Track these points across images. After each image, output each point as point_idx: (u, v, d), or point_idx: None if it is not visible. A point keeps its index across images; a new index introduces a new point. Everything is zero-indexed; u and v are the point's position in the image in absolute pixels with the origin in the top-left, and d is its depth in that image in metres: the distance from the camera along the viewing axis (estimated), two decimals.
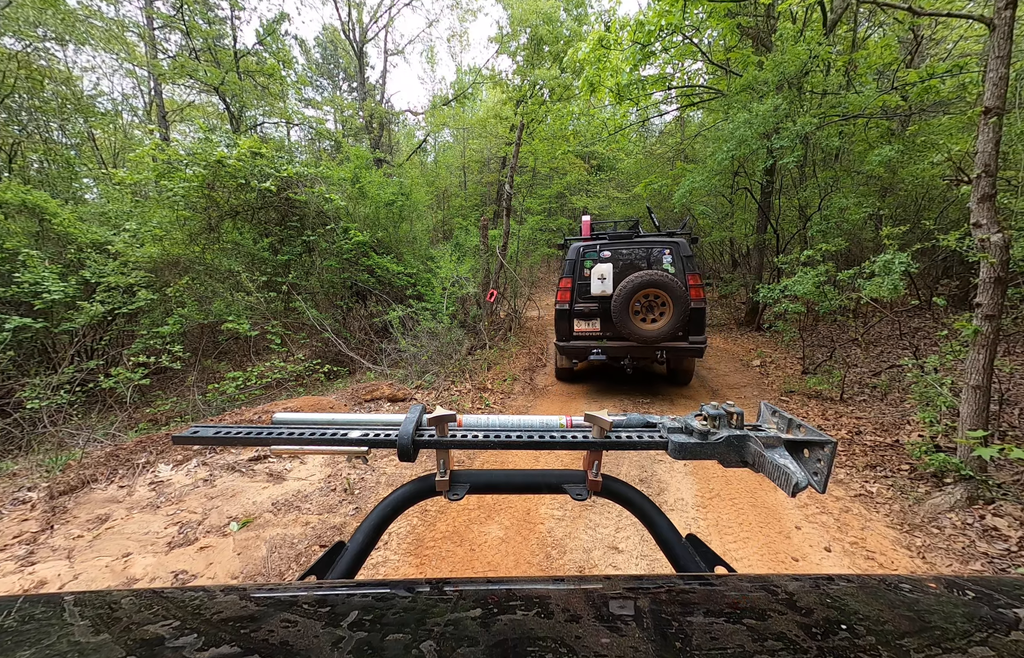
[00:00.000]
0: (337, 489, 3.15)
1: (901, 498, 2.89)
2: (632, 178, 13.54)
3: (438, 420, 0.57)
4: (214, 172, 6.11)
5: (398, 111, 19.66)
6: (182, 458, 3.67)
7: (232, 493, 3.19)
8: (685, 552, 0.59)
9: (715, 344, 8.56)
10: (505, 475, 0.66)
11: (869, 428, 4.07)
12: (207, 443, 0.58)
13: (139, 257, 6.03)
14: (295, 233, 6.83)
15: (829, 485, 3.06)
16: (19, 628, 0.33)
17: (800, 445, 0.55)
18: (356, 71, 18.60)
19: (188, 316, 5.56)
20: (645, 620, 0.34)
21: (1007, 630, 0.34)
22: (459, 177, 20.80)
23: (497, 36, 18.46)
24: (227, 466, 3.53)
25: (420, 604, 0.36)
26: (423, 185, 13.14)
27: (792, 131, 5.57)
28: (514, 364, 6.89)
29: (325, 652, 0.29)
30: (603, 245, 4.96)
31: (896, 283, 3.69)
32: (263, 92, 17.50)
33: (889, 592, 0.40)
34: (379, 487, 3.17)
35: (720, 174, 7.64)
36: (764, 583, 0.41)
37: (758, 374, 6.46)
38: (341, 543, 0.59)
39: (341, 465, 3.49)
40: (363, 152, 8.71)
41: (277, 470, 3.49)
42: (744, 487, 3.05)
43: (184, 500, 3.14)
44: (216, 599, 0.39)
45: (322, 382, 6.02)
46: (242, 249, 6.69)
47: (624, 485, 0.64)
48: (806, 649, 0.30)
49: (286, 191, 6.55)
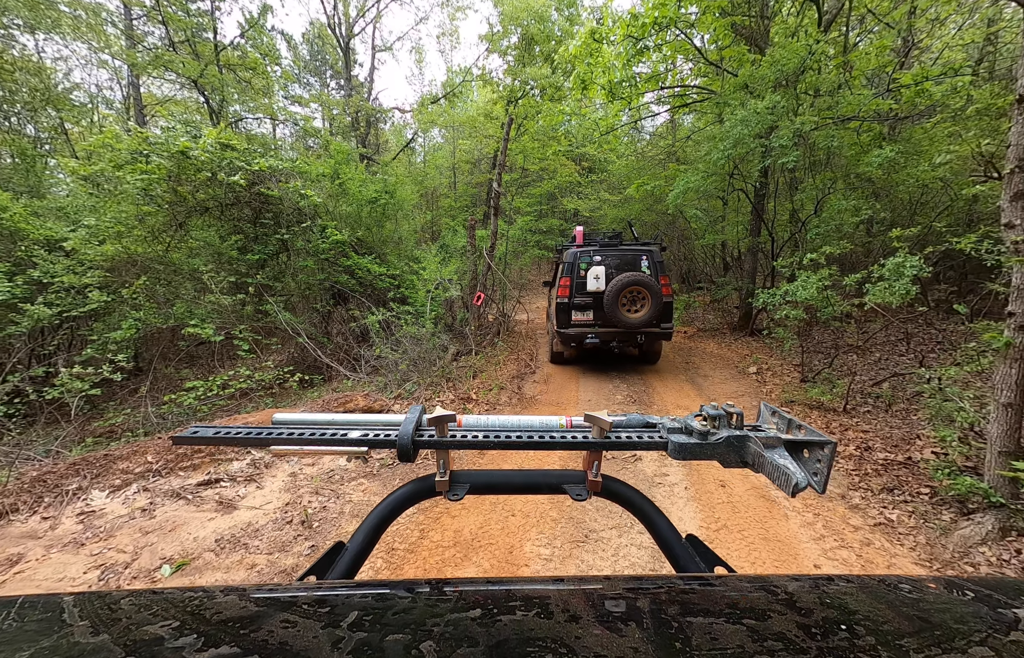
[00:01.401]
0: (294, 520, 2.76)
1: (925, 527, 2.61)
2: (624, 180, 13.31)
3: (438, 420, 0.57)
4: (178, 164, 5.65)
5: (386, 109, 19.21)
6: (120, 483, 3.23)
7: (172, 526, 2.78)
8: (685, 552, 0.58)
9: (709, 350, 8.33)
10: (505, 475, 0.65)
11: (878, 443, 3.81)
12: (207, 443, 0.58)
13: (95, 255, 5.54)
14: (268, 231, 6.38)
15: (848, 513, 2.77)
16: (19, 628, 0.33)
17: (800, 445, 0.55)
18: (343, 67, 18.11)
19: (145, 320, 5.09)
20: (645, 620, 0.34)
21: (1007, 630, 0.34)
22: (449, 178, 20.42)
23: (488, 35, 18.16)
24: (171, 492, 3.11)
25: (420, 604, 0.36)
26: (410, 183, 12.73)
27: (790, 130, 5.34)
28: (501, 371, 6.53)
29: (325, 652, 0.29)
30: (595, 251, 6.00)
31: (908, 287, 3.45)
32: (246, 88, 16.92)
33: (889, 592, 0.40)
34: (342, 517, 2.79)
35: (716, 175, 7.41)
36: (764, 584, 0.41)
37: (755, 382, 6.21)
38: (341, 543, 0.59)
39: (302, 491, 3.10)
40: (344, 147, 8.28)
41: (229, 497, 3.08)
42: (753, 515, 2.75)
43: (115, 535, 2.71)
44: (216, 599, 0.39)
45: (294, 391, 5.59)
46: (212, 248, 6.23)
47: (624, 485, 0.64)
48: (806, 649, 0.30)
49: (258, 186, 6.11)
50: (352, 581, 0.55)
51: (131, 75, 15.16)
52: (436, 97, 17.94)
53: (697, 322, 10.81)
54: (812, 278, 4.35)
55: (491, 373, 6.36)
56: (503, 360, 7.04)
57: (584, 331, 5.90)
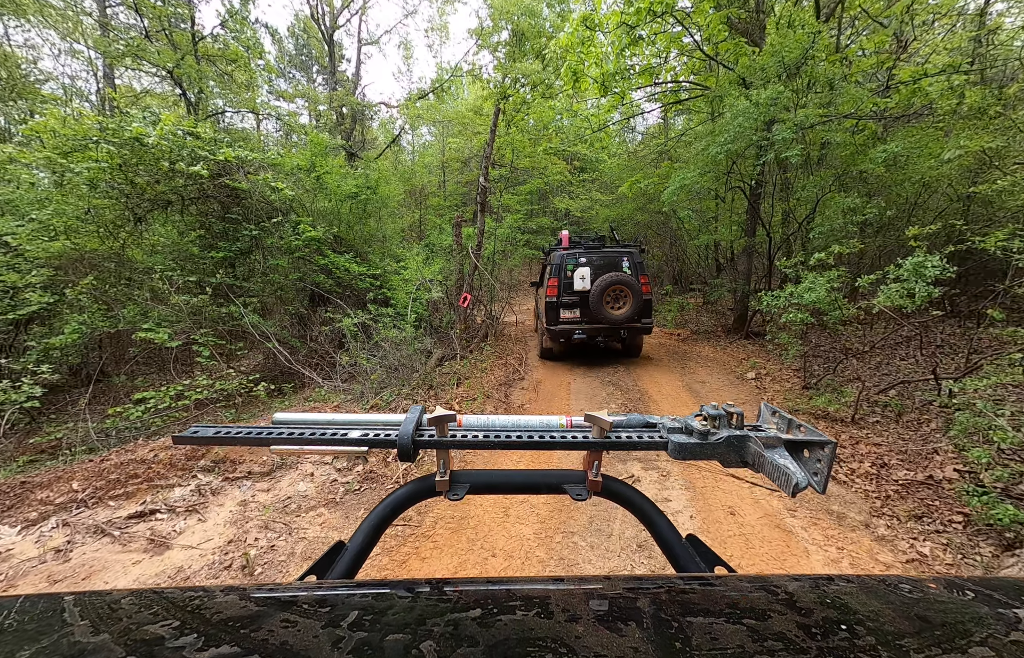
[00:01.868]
0: (234, 564, 2.33)
1: (964, 564, 2.29)
2: (616, 179, 13.03)
3: (438, 420, 0.57)
4: (133, 152, 5.15)
5: (372, 103, 18.67)
6: (37, 516, 2.76)
7: (88, 571, 2.33)
8: (685, 552, 0.58)
9: (704, 353, 8.04)
10: (505, 475, 0.65)
11: (894, 459, 3.51)
12: (206, 443, 0.58)
13: (40, 252, 5.01)
14: (236, 227, 5.90)
15: (875, 547, 2.44)
16: (19, 628, 0.33)
17: (800, 445, 0.55)
18: (327, 59, 17.55)
19: (91, 324, 4.58)
20: (645, 620, 0.34)
21: (1007, 630, 0.34)
22: (439, 176, 19.96)
23: (477, 29, 17.77)
24: (95, 528, 2.65)
25: (420, 604, 0.36)
26: (396, 180, 12.26)
27: (793, 122, 5.05)
28: (488, 378, 6.14)
29: (325, 652, 0.29)
30: (580, 253, 6.39)
31: (929, 290, 3.15)
32: (227, 81, 16.27)
33: (889, 592, 0.40)
34: (292, 560, 2.37)
35: (711, 172, 7.11)
36: (764, 584, 0.41)
37: (754, 388, 5.91)
38: (341, 543, 0.58)
39: (250, 525, 2.67)
40: (321, 138, 7.81)
41: (163, 532, 2.64)
42: (769, 550, 2.40)
43: (16, 584, 2.26)
44: (216, 599, 0.38)
45: (261, 401, 5.12)
46: (174, 245, 5.73)
47: (624, 485, 0.64)
48: (806, 649, 0.30)
49: (224, 178, 5.63)
50: (352, 581, 0.54)
51: (105, 66, 14.46)
52: (424, 92, 17.49)
53: (691, 324, 10.54)
54: (820, 279, 4.04)
55: (477, 380, 5.96)
56: (490, 365, 6.65)
57: (572, 328, 6.33)
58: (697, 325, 10.34)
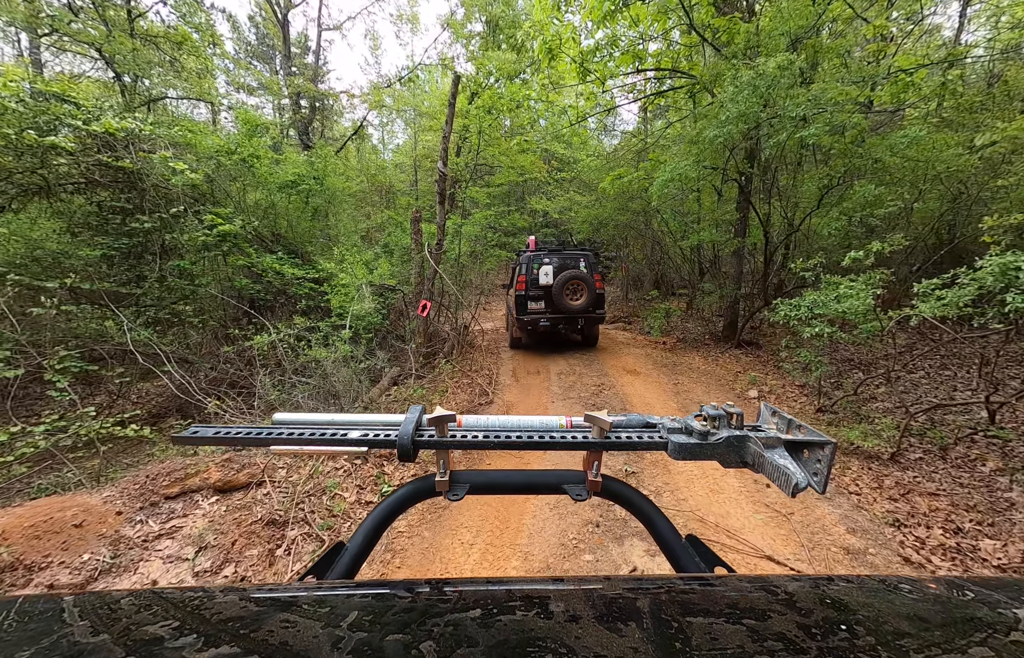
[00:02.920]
0: None
1: None
2: (595, 178, 12.24)
3: (438, 420, 0.57)
4: None
5: (335, 92, 17.30)
6: None
7: None
8: (685, 553, 0.58)
9: (695, 365, 7.24)
10: (505, 475, 0.65)
11: (967, 520, 2.68)
12: (206, 443, 0.57)
13: None
14: (121, 217, 4.64)
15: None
16: (19, 628, 0.33)
17: (800, 446, 0.55)
18: (283, 43, 16.12)
19: None
20: (645, 620, 0.34)
21: (1007, 630, 0.34)
22: (410, 175, 18.76)
23: (449, 18, 16.74)
24: None
25: (420, 604, 0.36)
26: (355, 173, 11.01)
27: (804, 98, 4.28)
28: (448, 402, 5.08)
29: (325, 652, 0.29)
30: (545, 255, 7.43)
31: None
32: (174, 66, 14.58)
33: (889, 592, 0.40)
34: None
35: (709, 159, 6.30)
36: (764, 584, 0.41)
37: (758, 410, 5.10)
38: (341, 543, 0.58)
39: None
40: (251, 115, 6.60)
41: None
42: None
43: None
44: (216, 599, 0.38)
45: (148, 440, 3.90)
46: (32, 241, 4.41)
47: (624, 485, 0.64)
48: (806, 649, 0.30)
49: (100, 155, 4.37)
50: (352, 581, 0.54)
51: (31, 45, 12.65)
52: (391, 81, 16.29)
53: (677, 332, 9.77)
54: (857, 286, 3.20)
55: (436, 403, 4.89)
56: (452, 386, 5.59)
57: (538, 317, 7.29)
58: (683, 332, 9.56)
